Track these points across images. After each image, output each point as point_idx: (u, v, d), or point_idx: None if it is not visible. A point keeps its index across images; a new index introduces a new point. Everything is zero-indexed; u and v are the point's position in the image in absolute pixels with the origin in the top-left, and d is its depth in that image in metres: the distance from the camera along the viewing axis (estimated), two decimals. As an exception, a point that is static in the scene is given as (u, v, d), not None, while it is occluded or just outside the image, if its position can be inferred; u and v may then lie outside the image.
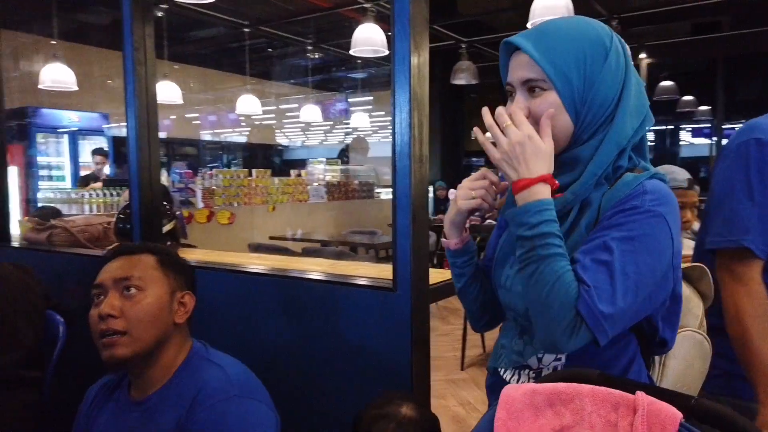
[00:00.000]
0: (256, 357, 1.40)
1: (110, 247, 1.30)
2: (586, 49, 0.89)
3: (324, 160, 7.57)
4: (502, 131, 0.88)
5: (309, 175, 7.19)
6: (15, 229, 2.64)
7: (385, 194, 7.72)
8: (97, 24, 6.04)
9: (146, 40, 2.02)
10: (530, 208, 0.86)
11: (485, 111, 0.92)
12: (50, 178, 6.51)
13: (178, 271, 1.23)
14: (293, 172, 7.02)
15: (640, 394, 0.68)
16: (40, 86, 4.72)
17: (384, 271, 1.63)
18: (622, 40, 0.93)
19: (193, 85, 8.30)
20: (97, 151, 6.13)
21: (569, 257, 0.85)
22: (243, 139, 10.93)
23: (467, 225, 1.06)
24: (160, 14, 5.71)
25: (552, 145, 0.88)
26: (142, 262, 1.19)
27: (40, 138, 6.43)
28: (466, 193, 0.99)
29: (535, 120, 0.89)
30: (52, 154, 6.63)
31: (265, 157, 11.58)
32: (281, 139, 12.24)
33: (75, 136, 6.72)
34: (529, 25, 3.01)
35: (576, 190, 0.90)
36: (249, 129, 10.66)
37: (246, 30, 6.65)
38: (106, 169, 6.00)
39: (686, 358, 1.02)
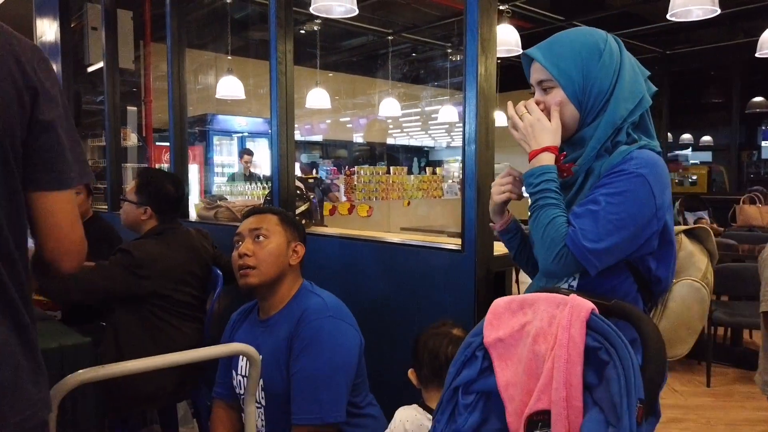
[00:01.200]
0: (354, 301, 1.78)
1: (247, 209, 1.78)
2: (583, 53, 1.14)
3: (459, 158, 7.85)
4: (520, 118, 1.17)
5: (444, 173, 7.52)
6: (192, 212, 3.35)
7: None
8: (259, 39, 6.97)
9: (287, 55, 2.51)
10: (535, 171, 1.13)
11: (509, 104, 1.21)
12: (223, 174, 7.62)
13: (293, 227, 1.66)
14: (428, 170, 7.40)
15: (572, 295, 0.93)
16: (216, 96, 5.63)
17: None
18: (618, 40, 1.17)
19: (343, 91, 9.09)
20: (244, 151, 7.06)
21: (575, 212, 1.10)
22: (390, 141, 11.60)
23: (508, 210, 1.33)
24: (316, 28, 6.48)
25: (558, 124, 1.14)
26: (268, 219, 1.63)
27: (215, 140, 7.57)
28: (498, 189, 1.28)
29: (548, 110, 1.16)
30: (225, 154, 7.75)
31: (409, 157, 12.14)
32: (426, 140, 12.77)
33: (243, 139, 7.80)
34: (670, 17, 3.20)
35: (580, 161, 1.15)
36: (396, 130, 11.31)
37: (389, 38, 7.20)
38: (253, 167, 6.87)
39: (685, 301, 1.20)
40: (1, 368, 0.87)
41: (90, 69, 4.63)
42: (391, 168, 6.80)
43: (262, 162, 7.21)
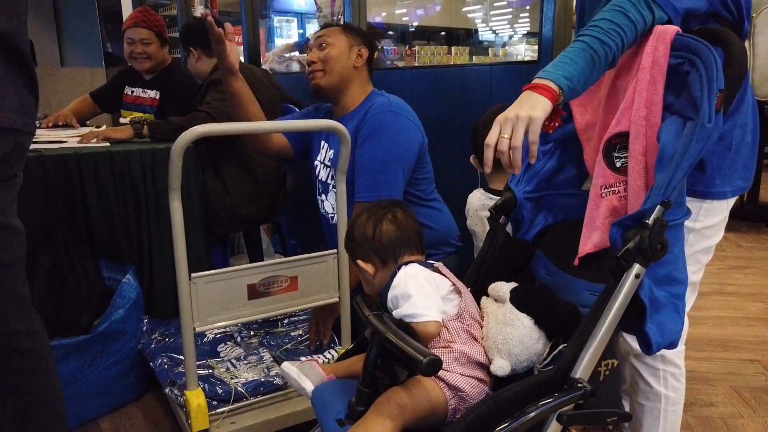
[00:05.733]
0: (435, 126, 1.88)
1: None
2: None
3: (524, 39, 7.58)
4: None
5: (507, 56, 7.31)
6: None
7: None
8: None
9: None
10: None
11: None
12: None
13: (355, 33, 1.77)
14: (491, 51, 7.20)
15: (657, 25, 0.98)
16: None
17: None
18: None
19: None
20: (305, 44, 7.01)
21: None
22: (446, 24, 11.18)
23: None
24: None
25: None
26: (332, 29, 1.77)
27: (276, 22, 7.56)
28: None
29: None
30: (285, 36, 7.76)
31: (472, 38, 11.72)
32: (487, 35, 12.25)
33: (303, 20, 7.74)
34: None
35: None
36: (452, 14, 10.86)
37: None
38: None
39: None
40: None
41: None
42: (453, 48, 6.64)
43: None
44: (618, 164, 1.01)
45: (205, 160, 2.18)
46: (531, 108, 0.93)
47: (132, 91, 2.83)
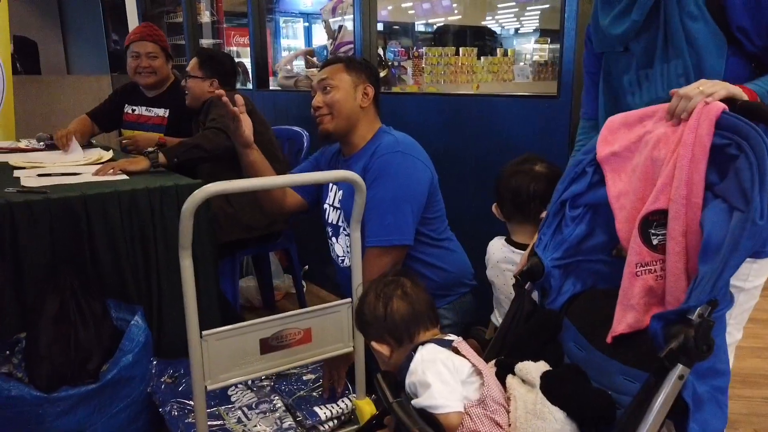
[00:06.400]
0: (450, 157, 1.82)
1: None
2: None
3: (533, 39, 7.47)
4: None
5: (516, 55, 7.21)
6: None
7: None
8: None
9: None
10: None
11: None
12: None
13: (359, 71, 1.71)
14: (500, 51, 7.10)
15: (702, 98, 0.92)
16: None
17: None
18: None
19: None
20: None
21: None
22: (454, 23, 11.05)
23: None
24: None
25: None
26: (333, 68, 1.71)
27: (282, 22, 7.47)
28: None
29: None
30: (291, 37, 7.67)
31: (477, 39, 11.60)
32: (492, 25, 12.09)
33: (310, 20, 7.65)
34: None
35: None
36: (459, 14, 10.73)
37: None
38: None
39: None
40: None
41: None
42: (460, 49, 6.55)
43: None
44: (655, 242, 0.96)
45: (206, 173, 2.17)
46: (733, 86, 0.93)
47: (133, 110, 2.78)
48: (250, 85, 3.50)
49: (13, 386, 1.51)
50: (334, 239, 1.80)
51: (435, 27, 10.61)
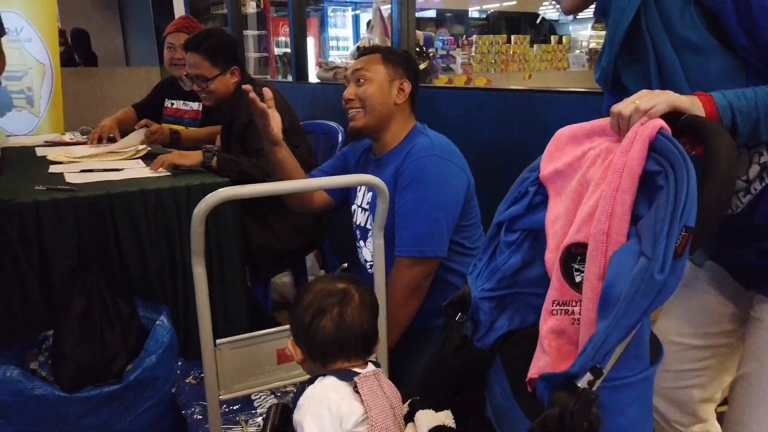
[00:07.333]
0: (481, 152, 1.71)
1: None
2: None
3: (589, 26, 7.15)
4: None
5: (572, 42, 6.91)
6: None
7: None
8: None
9: None
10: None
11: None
12: (338, 48, 7.55)
13: (397, 64, 1.59)
14: (554, 39, 6.83)
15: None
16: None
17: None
18: None
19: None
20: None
21: None
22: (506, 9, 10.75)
23: None
24: None
25: None
26: (370, 59, 1.59)
27: (330, 11, 7.43)
28: None
29: None
30: (339, 26, 7.62)
31: (531, 26, 11.26)
32: (551, 12, 11.70)
33: (357, 7, 7.58)
34: None
35: None
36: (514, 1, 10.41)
37: None
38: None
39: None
40: None
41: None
42: (512, 37, 6.33)
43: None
44: (578, 279, 0.79)
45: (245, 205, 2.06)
46: (680, 96, 0.80)
47: (172, 104, 2.78)
48: (290, 77, 3.45)
49: (37, 385, 1.51)
50: (361, 242, 1.72)
51: (488, 13, 10.35)
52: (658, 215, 0.68)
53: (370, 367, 1.01)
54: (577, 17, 11.45)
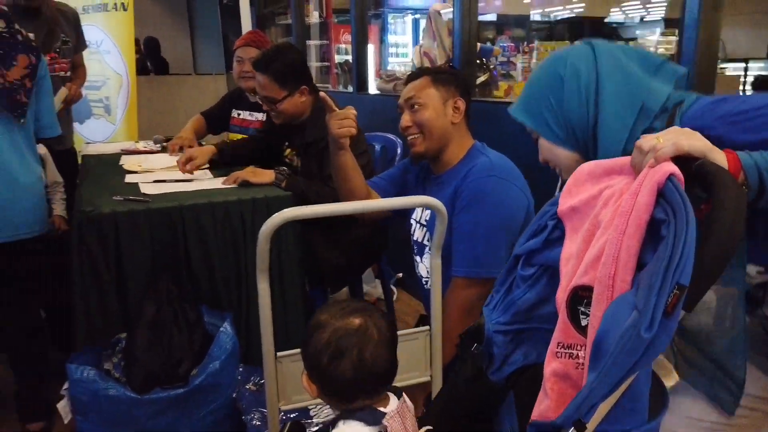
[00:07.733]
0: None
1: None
2: (545, 89, 1.03)
3: (657, 31, 6.90)
4: None
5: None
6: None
7: (732, 69, 6.68)
8: None
9: None
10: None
11: None
12: (397, 55, 7.57)
13: (448, 84, 1.61)
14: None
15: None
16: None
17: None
18: (595, 47, 1.01)
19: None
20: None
21: None
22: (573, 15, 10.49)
23: None
24: None
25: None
26: (420, 84, 1.61)
27: (390, 18, 7.47)
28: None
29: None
30: (399, 33, 7.65)
31: (598, 33, 10.95)
32: (617, 15, 11.34)
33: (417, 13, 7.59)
34: None
35: None
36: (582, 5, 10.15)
37: None
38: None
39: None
40: None
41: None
42: (575, 44, 6.19)
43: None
44: (584, 323, 0.77)
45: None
46: (700, 140, 0.76)
47: (239, 114, 2.88)
48: (350, 87, 3.51)
49: (111, 386, 1.61)
50: (418, 258, 1.74)
51: (552, 18, 10.14)
52: (655, 268, 0.66)
53: (393, 402, 0.98)
54: (645, 20, 11.06)
